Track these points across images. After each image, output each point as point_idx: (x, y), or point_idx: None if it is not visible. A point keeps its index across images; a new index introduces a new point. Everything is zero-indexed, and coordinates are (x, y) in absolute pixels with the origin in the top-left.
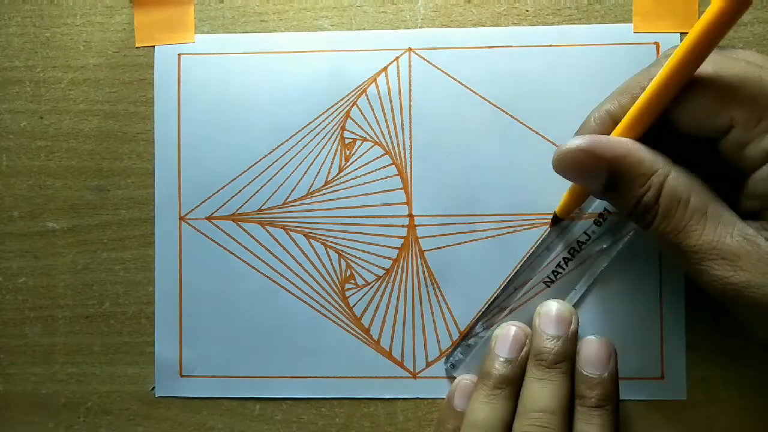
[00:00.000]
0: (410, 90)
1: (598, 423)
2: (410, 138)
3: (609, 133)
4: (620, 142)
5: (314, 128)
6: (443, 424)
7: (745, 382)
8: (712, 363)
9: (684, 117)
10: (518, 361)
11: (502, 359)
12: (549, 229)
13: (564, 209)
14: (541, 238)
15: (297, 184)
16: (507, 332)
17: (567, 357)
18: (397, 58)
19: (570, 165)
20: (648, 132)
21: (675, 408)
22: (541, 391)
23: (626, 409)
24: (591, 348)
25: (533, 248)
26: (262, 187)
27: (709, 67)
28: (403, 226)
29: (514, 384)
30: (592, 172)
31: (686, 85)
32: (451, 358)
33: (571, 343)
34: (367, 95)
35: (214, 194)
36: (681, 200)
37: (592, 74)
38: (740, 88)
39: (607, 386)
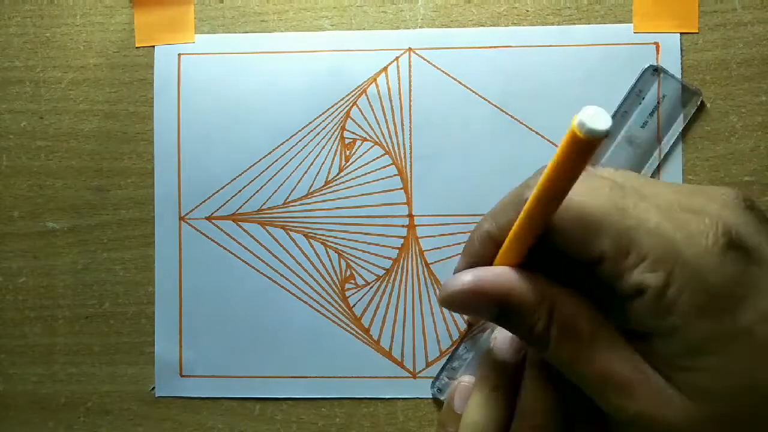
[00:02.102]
0: (410, 90)
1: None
2: (410, 138)
3: (492, 254)
4: (502, 277)
5: (314, 128)
6: (443, 427)
7: None
8: None
9: (558, 244)
10: (517, 361)
11: (500, 360)
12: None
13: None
14: None
15: (297, 184)
16: (506, 334)
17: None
18: (397, 58)
19: (458, 305)
20: (530, 251)
21: None
22: (536, 394)
23: None
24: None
25: None
26: (262, 187)
27: (577, 196)
28: (403, 226)
29: (511, 386)
30: (481, 310)
31: (558, 211)
32: (437, 383)
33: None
34: (367, 95)
35: (214, 194)
36: (570, 328)
37: (592, 74)
38: (604, 222)
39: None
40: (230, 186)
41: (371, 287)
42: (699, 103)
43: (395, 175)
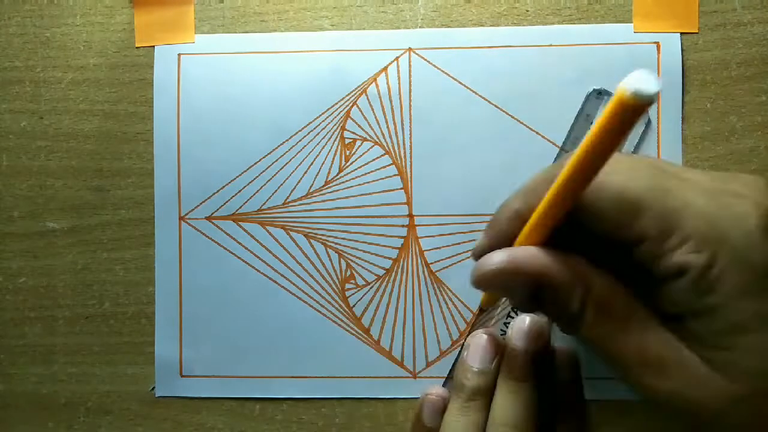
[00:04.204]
0: (410, 90)
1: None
2: (410, 138)
3: (518, 233)
4: (538, 256)
5: (314, 128)
6: None
7: None
8: None
9: (594, 225)
10: (491, 371)
11: (474, 369)
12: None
13: (488, 301)
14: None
15: (297, 184)
16: (478, 341)
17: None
18: (397, 58)
19: (492, 283)
20: (558, 232)
21: None
22: (509, 406)
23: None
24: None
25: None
26: (262, 187)
27: (617, 176)
28: (403, 226)
29: (486, 395)
30: (514, 290)
31: (595, 192)
32: (449, 384)
33: (540, 356)
34: (367, 95)
35: (214, 194)
36: (605, 308)
37: (592, 74)
38: (647, 202)
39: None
40: (230, 186)
41: (371, 287)
42: (647, 122)
43: (395, 175)
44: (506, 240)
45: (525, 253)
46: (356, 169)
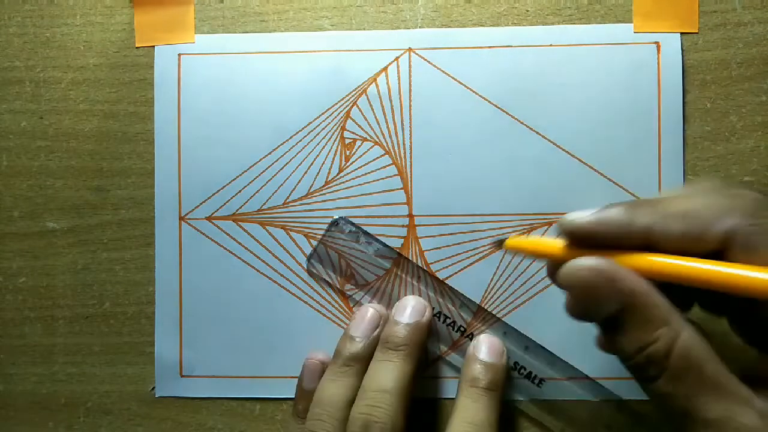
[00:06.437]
0: (410, 90)
1: (486, 403)
2: (410, 138)
3: (629, 243)
4: (639, 278)
5: (314, 128)
6: (294, 405)
7: None
8: None
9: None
10: (369, 341)
11: (353, 338)
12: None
13: (519, 250)
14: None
15: (297, 184)
16: (363, 314)
17: (412, 342)
18: (397, 58)
19: (579, 282)
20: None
21: None
22: (380, 371)
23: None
24: (489, 340)
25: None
26: (262, 187)
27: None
28: (403, 226)
29: (362, 363)
30: (600, 299)
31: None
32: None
33: (419, 332)
34: (367, 95)
35: (214, 194)
36: (694, 365)
37: (592, 74)
38: None
39: (498, 374)
40: (230, 186)
41: (371, 287)
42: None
43: (395, 175)
44: (612, 241)
45: (628, 271)
46: (356, 169)
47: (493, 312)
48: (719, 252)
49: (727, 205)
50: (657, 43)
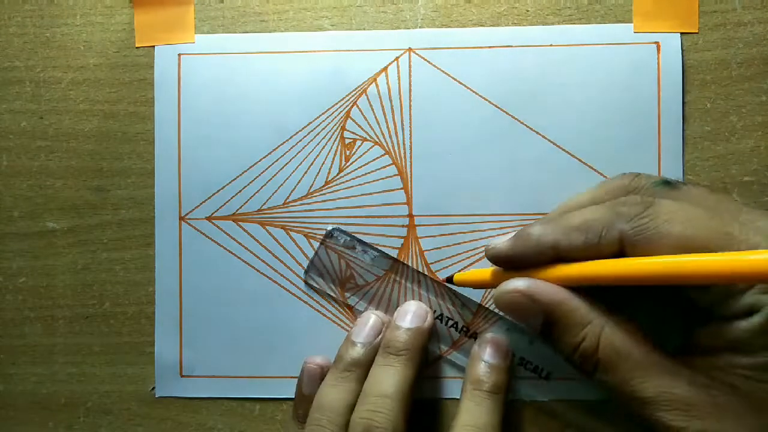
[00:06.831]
0: (410, 90)
1: (489, 406)
2: (410, 138)
3: (547, 260)
4: (556, 289)
5: (314, 128)
6: (294, 410)
7: None
8: None
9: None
10: (370, 346)
11: (355, 343)
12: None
13: (464, 283)
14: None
15: (297, 184)
16: (365, 320)
17: (414, 347)
18: (397, 58)
19: (507, 305)
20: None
21: None
22: (381, 376)
23: None
24: (494, 341)
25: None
26: (262, 187)
27: (676, 225)
28: (403, 226)
29: (363, 368)
30: (528, 315)
31: (654, 242)
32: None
33: (420, 337)
34: (367, 95)
35: (214, 194)
36: (622, 353)
37: (592, 74)
38: (710, 250)
39: (502, 376)
40: (230, 186)
41: (371, 287)
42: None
43: (395, 175)
44: (529, 260)
45: (543, 283)
46: (356, 169)
47: (494, 310)
48: (622, 253)
49: (613, 215)
50: (657, 43)
